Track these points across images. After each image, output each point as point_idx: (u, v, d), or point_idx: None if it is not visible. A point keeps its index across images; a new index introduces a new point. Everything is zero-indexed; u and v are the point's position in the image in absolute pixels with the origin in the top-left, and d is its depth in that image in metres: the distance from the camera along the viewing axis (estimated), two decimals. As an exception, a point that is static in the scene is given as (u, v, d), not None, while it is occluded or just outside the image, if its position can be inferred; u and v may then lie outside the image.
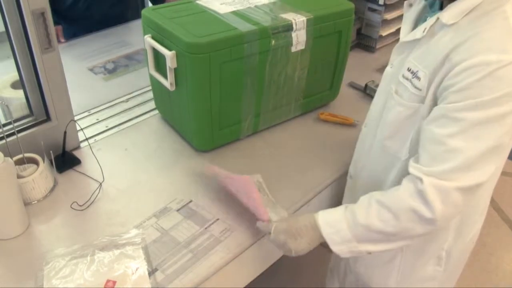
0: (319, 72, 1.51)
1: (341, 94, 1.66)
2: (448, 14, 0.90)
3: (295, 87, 1.46)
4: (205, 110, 1.30)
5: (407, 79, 0.99)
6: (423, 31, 0.96)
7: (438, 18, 0.93)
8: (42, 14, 1.18)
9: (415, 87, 0.96)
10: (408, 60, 1.00)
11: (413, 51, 1.00)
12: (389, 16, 2.02)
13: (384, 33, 2.04)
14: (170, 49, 1.25)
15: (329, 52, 1.50)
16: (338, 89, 1.64)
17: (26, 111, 1.34)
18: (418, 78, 0.95)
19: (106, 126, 1.53)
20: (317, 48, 1.42)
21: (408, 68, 0.99)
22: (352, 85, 1.77)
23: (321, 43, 1.43)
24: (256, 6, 1.40)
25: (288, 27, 1.32)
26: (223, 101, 1.31)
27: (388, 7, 2.00)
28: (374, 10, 2.01)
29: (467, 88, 0.83)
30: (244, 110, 1.38)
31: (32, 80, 1.27)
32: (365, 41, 2.09)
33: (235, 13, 1.35)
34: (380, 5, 1.97)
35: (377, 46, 2.07)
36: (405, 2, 1.10)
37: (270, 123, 1.50)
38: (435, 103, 0.92)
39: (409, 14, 1.08)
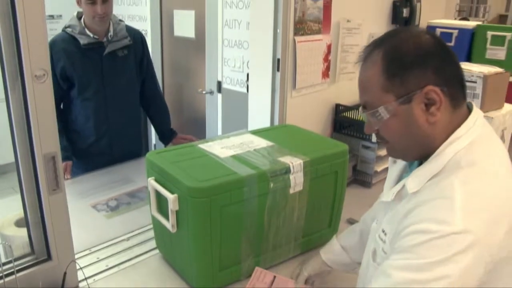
0: (317, 211, 1.54)
1: (341, 231, 1.66)
2: (412, 182, 0.95)
3: (294, 227, 1.48)
4: (206, 252, 1.31)
5: (381, 240, 1.02)
6: (392, 195, 1.01)
7: (404, 185, 0.98)
8: (53, 158, 1.24)
9: (384, 251, 0.99)
10: (383, 221, 1.04)
11: (387, 212, 1.04)
12: (382, 152, 2.11)
13: (379, 169, 2.11)
14: (172, 192, 1.29)
15: (326, 191, 1.55)
16: (337, 226, 1.66)
17: (27, 250, 1.34)
18: (384, 242, 0.99)
19: (106, 265, 1.52)
20: (314, 189, 1.47)
21: (383, 230, 1.02)
22: (351, 221, 1.80)
23: (318, 184, 1.48)
24: (255, 150, 1.48)
25: (286, 170, 1.38)
26: (224, 243, 1.32)
27: (381, 144, 2.10)
28: (367, 148, 2.10)
29: (405, 250, 0.87)
30: (244, 251, 1.39)
31: (36, 220, 1.30)
32: (361, 176, 2.15)
33: (234, 157, 1.42)
34: (373, 143, 2.07)
35: (373, 182, 2.13)
36: (390, 158, 1.16)
37: (271, 263, 1.49)
38: None
39: (392, 171, 1.13)
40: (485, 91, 1.93)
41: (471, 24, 2.74)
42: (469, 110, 0.98)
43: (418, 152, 0.99)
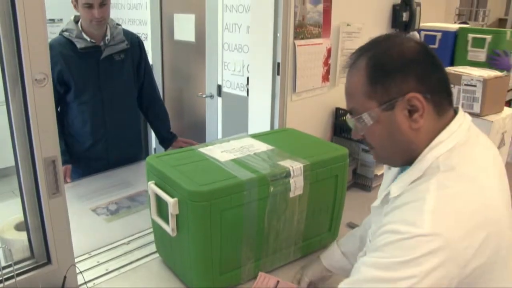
0: (318, 215, 1.54)
1: (341, 235, 1.67)
2: (395, 187, 0.97)
3: (294, 230, 1.48)
4: (206, 255, 1.31)
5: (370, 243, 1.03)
6: (379, 200, 1.03)
7: (389, 191, 0.99)
8: (53, 161, 1.24)
9: None
10: (374, 226, 1.06)
11: (377, 217, 1.05)
12: (382, 156, 2.11)
13: (378, 173, 2.11)
14: (172, 196, 1.29)
15: (326, 195, 1.55)
16: (337, 230, 1.66)
17: (27, 254, 1.34)
18: None
19: (106, 269, 1.52)
20: (314, 193, 1.47)
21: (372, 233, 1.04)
22: (351, 225, 1.80)
23: (318, 188, 1.48)
24: (255, 154, 1.48)
25: (286, 174, 1.38)
26: (224, 247, 1.32)
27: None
28: (367, 151, 2.10)
29: (377, 249, 0.89)
30: (244, 255, 1.39)
31: (36, 223, 1.29)
32: (361, 180, 2.15)
33: (235, 161, 1.42)
34: (373, 147, 2.07)
35: (373, 185, 2.13)
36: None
37: (271, 267, 1.49)
38: None
39: (387, 176, 1.14)
40: (484, 95, 1.93)
41: (454, 26, 2.76)
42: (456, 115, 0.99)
43: (403, 158, 0.99)
